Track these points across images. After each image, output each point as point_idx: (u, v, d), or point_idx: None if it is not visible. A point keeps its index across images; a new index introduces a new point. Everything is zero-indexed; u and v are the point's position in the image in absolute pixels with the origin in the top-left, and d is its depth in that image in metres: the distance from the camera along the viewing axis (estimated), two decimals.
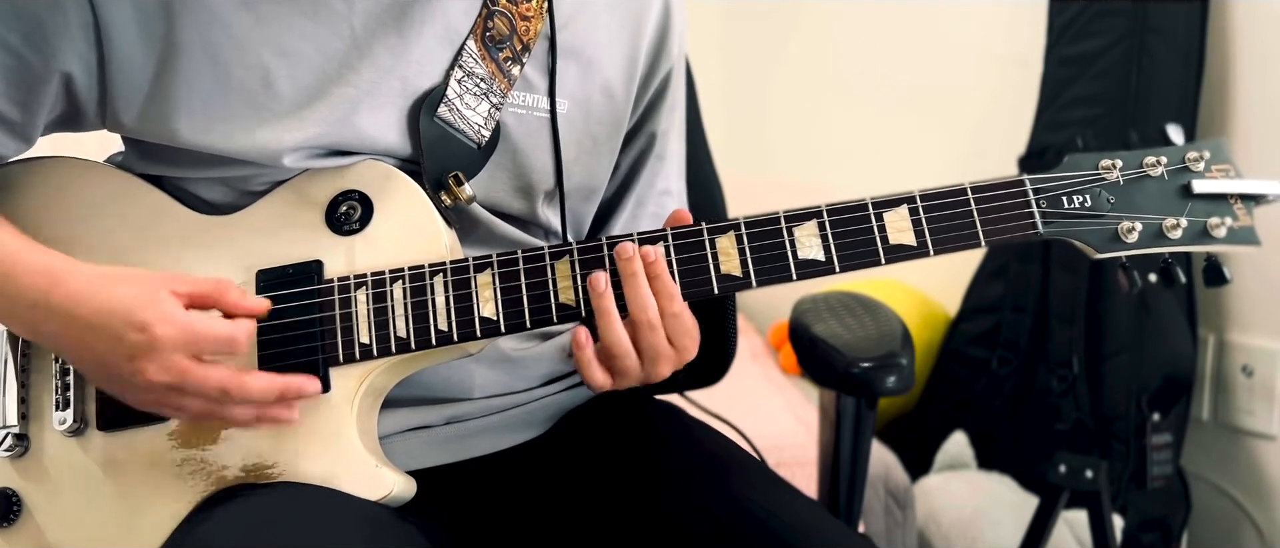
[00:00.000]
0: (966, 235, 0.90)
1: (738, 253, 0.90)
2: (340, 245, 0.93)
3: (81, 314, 0.83)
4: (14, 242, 0.87)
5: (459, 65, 0.95)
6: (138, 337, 0.82)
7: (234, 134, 0.90)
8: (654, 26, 1.06)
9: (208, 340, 0.84)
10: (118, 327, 0.82)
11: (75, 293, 0.84)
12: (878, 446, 1.92)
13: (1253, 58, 1.94)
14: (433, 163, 0.94)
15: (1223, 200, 0.91)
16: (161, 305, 0.83)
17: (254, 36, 0.89)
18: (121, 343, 0.82)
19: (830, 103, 2.81)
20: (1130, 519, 1.94)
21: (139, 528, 0.90)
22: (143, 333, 0.82)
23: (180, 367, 0.83)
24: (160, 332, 0.82)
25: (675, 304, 0.88)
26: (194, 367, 0.83)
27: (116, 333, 0.82)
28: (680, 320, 0.89)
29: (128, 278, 0.85)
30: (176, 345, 0.82)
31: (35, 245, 0.87)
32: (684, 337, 0.90)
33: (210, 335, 0.84)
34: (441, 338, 0.91)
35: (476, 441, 1.02)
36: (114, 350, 0.83)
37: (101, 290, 0.84)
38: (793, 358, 1.26)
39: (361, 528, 0.84)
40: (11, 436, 0.93)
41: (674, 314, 0.89)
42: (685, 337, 0.90)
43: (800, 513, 0.91)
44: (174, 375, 0.83)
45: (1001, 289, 2.20)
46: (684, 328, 0.90)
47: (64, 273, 0.85)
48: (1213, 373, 2.03)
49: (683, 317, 0.89)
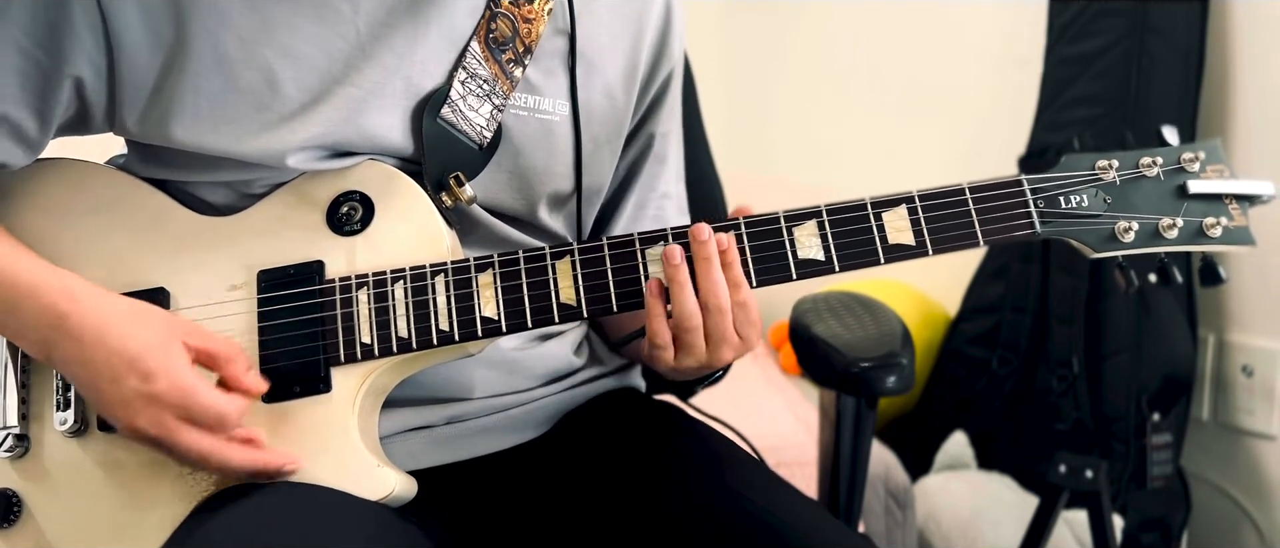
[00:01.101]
0: (965, 235, 0.90)
1: (738, 253, 0.91)
2: (341, 246, 0.93)
3: (90, 346, 0.84)
4: (31, 264, 0.88)
5: (462, 67, 0.95)
6: (137, 385, 0.82)
7: (238, 136, 0.90)
8: (655, 28, 1.06)
9: (200, 410, 0.84)
10: (120, 369, 0.83)
11: (88, 325, 0.84)
12: (878, 446, 1.92)
13: (1253, 58, 1.94)
14: (434, 163, 0.94)
15: (1218, 201, 0.91)
16: (169, 358, 0.83)
17: (260, 38, 0.90)
18: (119, 386, 0.83)
19: (830, 102, 2.81)
20: (1130, 519, 1.94)
21: (140, 529, 0.90)
22: (144, 383, 0.82)
23: (169, 426, 0.83)
24: (160, 387, 0.82)
25: (741, 293, 0.90)
26: (181, 428, 0.84)
27: (117, 374, 0.83)
28: (747, 310, 0.91)
29: (144, 319, 0.86)
30: (170, 406, 0.83)
31: (53, 268, 0.88)
32: (748, 327, 0.92)
33: (204, 406, 0.84)
34: (443, 338, 0.91)
35: (477, 440, 1.02)
36: (111, 390, 0.83)
37: (114, 328, 0.84)
38: (793, 358, 1.26)
39: (362, 528, 0.84)
40: (12, 436, 0.93)
41: (741, 303, 0.90)
42: (749, 327, 0.92)
43: (800, 513, 0.91)
44: (160, 432, 0.84)
45: (1001, 289, 2.20)
46: (749, 318, 0.91)
47: (82, 298, 0.85)
48: (1213, 373, 2.03)
49: (749, 306, 0.91)
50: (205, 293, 0.93)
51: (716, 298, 0.89)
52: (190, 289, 0.93)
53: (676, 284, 0.90)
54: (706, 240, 0.89)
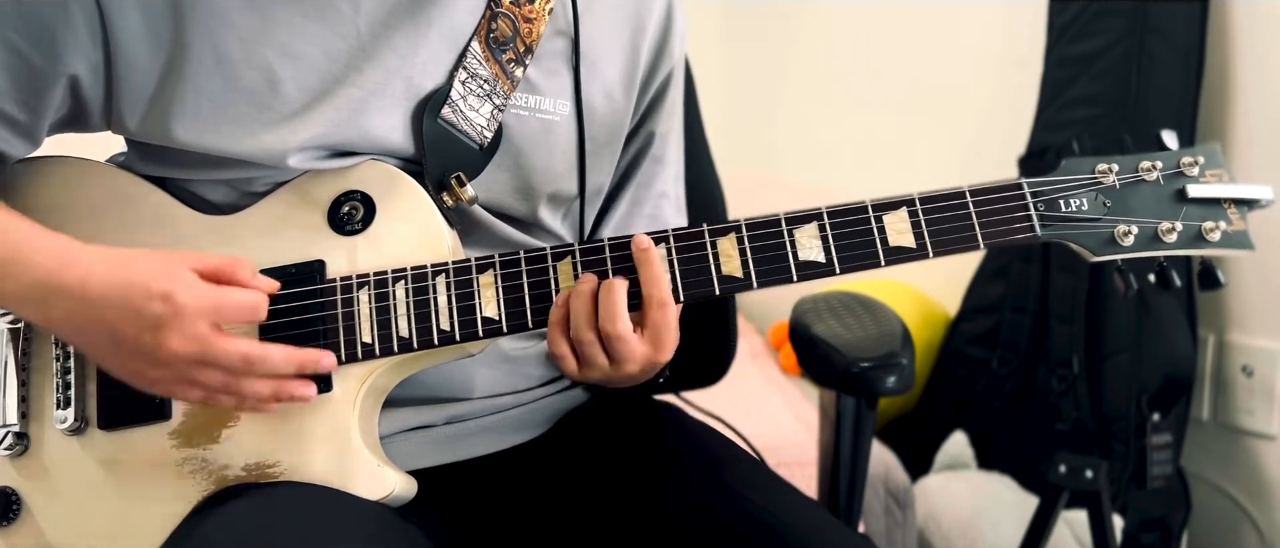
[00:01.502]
0: (965, 237, 0.90)
1: (738, 254, 0.91)
2: (342, 246, 0.93)
3: (97, 290, 0.82)
4: (24, 225, 0.87)
5: (463, 67, 0.95)
6: (161, 307, 0.82)
7: (239, 136, 0.90)
8: (655, 28, 1.06)
9: (231, 308, 0.84)
10: (138, 299, 0.82)
11: (90, 270, 0.83)
12: (878, 446, 1.92)
13: (1253, 58, 1.94)
14: (435, 164, 0.94)
15: (1217, 205, 0.91)
16: (184, 276, 0.83)
17: (260, 38, 0.90)
18: (142, 315, 0.82)
19: (830, 102, 2.81)
20: (1130, 519, 1.94)
21: (140, 527, 0.90)
22: (166, 302, 0.82)
23: (204, 335, 0.82)
24: (184, 299, 0.82)
25: (617, 326, 0.88)
26: (217, 336, 0.83)
27: (136, 306, 0.82)
28: (623, 344, 0.89)
29: (145, 254, 0.86)
30: (201, 312, 0.82)
31: (47, 230, 0.87)
32: (624, 356, 0.90)
33: (233, 303, 0.84)
34: (443, 338, 0.91)
35: (477, 440, 1.02)
36: (135, 322, 0.82)
37: (119, 266, 0.83)
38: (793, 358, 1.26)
39: (362, 528, 0.85)
40: (12, 434, 0.94)
41: (613, 336, 0.89)
42: (625, 358, 0.90)
43: (800, 513, 0.92)
44: (198, 345, 0.82)
45: (1002, 289, 2.20)
46: (627, 352, 0.89)
47: (79, 251, 0.85)
48: (1213, 373, 2.03)
49: (625, 341, 0.89)
50: None
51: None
52: None
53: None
54: (646, 248, 0.89)
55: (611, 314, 0.88)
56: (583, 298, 0.89)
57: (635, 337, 0.89)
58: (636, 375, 0.92)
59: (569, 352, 0.91)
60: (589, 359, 0.90)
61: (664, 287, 0.89)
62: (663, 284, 0.89)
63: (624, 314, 0.88)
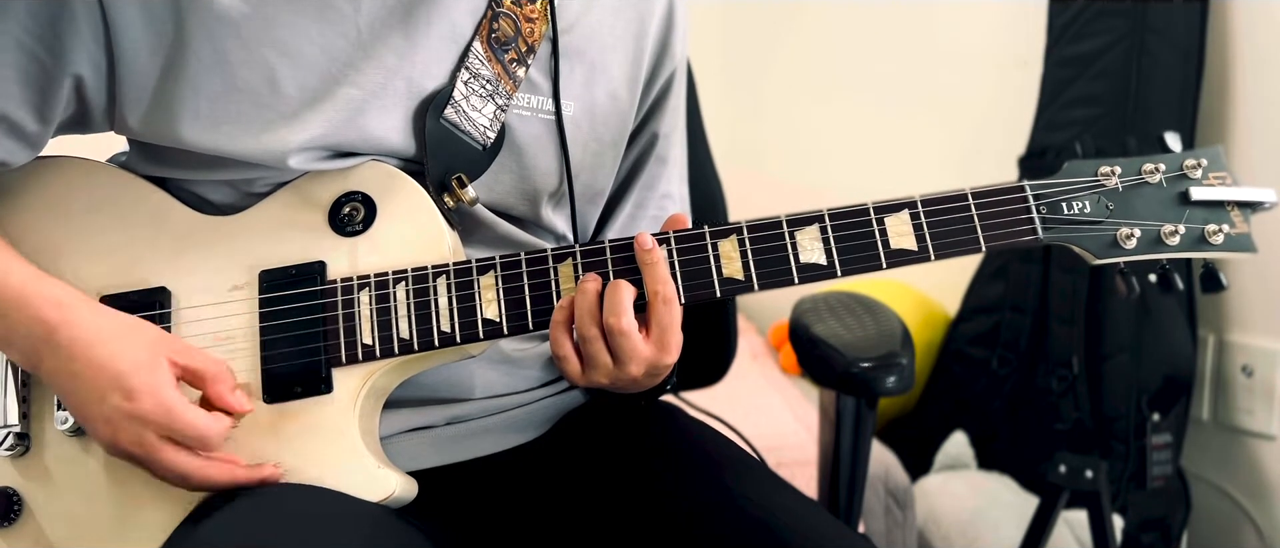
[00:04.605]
0: (967, 240, 0.90)
1: (739, 256, 0.91)
2: (343, 246, 0.93)
3: (77, 360, 0.84)
4: (22, 272, 0.87)
5: (465, 67, 0.95)
6: (121, 402, 0.82)
7: (239, 136, 0.90)
8: (658, 28, 1.06)
9: (182, 430, 0.84)
10: (105, 385, 0.83)
11: (77, 338, 0.84)
12: (878, 446, 1.92)
13: (1253, 58, 1.94)
14: (436, 164, 0.94)
15: (1220, 207, 0.91)
16: (154, 377, 0.83)
17: (260, 38, 0.89)
18: (103, 403, 0.83)
19: (831, 104, 2.81)
20: (1130, 519, 1.94)
21: (140, 528, 0.90)
22: (127, 401, 0.82)
23: (150, 444, 0.83)
24: (142, 406, 0.82)
25: (622, 321, 0.88)
26: (162, 447, 0.84)
27: (102, 392, 0.83)
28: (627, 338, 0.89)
29: (131, 335, 0.86)
30: (152, 424, 0.83)
31: (43, 277, 0.88)
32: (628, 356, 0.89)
33: (186, 425, 0.84)
34: (444, 339, 0.91)
35: (477, 441, 1.02)
36: (95, 406, 0.83)
37: (101, 344, 0.84)
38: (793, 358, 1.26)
39: (362, 529, 0.84)
40: (12, 434, 0.93)
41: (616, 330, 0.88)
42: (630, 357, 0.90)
43: (800, 513, 0.91)
44: (141, 450, 0.84)
45: (1001, 289, 2.20)
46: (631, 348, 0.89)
47: (70, 310, 0.85)
48: (1213, 373, 2.03)
49: (629, 335, 0.89)
50: (207, 293, 0.93)
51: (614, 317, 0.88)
52: (192, 289, 0.93)
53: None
54: (651, 248, 0.89)
55: (616, 309, 0.88)
56: (587, 295, 0.89)
57: (639, 335, 0.89)
58: (640, 379, 0.91)
59: (572, 352, 0.91)
60: (592, 358, 0.90)
61: (670, 284, 0.89)
62: (669, 281, 0.89)
63: (629, 309, 0.88)
